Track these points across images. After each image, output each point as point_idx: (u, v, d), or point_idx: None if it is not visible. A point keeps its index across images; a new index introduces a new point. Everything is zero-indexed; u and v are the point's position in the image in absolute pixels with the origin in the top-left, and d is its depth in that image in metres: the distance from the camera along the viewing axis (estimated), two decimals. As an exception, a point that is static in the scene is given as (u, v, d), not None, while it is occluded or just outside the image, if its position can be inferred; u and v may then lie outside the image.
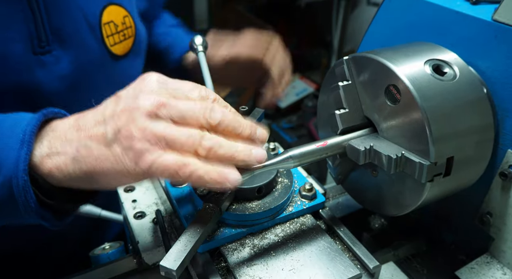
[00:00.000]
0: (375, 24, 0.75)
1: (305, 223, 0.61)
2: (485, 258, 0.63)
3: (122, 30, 0.80)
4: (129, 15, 0.82)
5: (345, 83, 0.58)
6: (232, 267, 0.54)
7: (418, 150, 0.51)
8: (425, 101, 0.50)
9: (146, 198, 0.72)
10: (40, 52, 0.67)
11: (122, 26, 0.80)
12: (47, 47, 0.67)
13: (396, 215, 0.59)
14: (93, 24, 0.74)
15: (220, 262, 0.56)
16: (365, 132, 0.58)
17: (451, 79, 0.54)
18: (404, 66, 0.53)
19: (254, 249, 0.56)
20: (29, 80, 0.66)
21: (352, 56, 0.58)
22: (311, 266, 0.54)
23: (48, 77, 0.68)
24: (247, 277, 0.52)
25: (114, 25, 0.78)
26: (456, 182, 0.56)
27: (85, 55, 0.74)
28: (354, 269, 0.54)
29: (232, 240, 0.58)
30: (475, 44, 0.60)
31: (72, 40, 0.71)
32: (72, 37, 0.71)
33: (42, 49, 0.67)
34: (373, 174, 0.60)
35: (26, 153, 0.47)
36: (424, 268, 0.66)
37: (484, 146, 0.56)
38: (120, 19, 0.80)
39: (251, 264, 0.54)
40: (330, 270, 0.54)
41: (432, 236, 0.71)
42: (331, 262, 0.55)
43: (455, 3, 0.63)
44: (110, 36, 0.78)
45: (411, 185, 0.54)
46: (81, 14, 0.72)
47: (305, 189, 0.63)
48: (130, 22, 0.83)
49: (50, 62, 0.68)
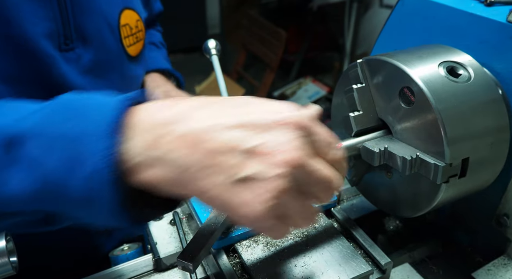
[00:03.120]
0: (388, 27, 0.76)
1: (317, 221, 0.63)
2: (502, 260, 0.63)
3: (135, 33, 0.85)
4: (141, 19, 0.87)
5: (359, 85, 0.59)
6: (246, 263, 0.56)
7: (433, 151, 0.51)
8: (439, 103, 0.50)
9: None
10: (65, 49, 0.70)
11: (135, 29, 0.85)
12: (71, 45, 0.71)
13: (411, 216, 0.60)
14: (112, 25, 0.78)
15: (235, 259, 0.58)
16: (380, 134, 0.59)
17: (465, 81, 0.54)
18: (418, 68, 0.53)
19: (267, 246, 0.58)
20: (56, 74, 0.69)
21: (365, 59, 0.59)
22: (323, 262, 0.55)
23: (72, 72, 0.72)
24: (260, 272, 0.54)
25: (129, 28, 0.83)
26: (472, 183, 0.56)
27: (105, 54, 0.77)
28: (365, 266, 0.55)
29: (246, 237, 0.59)
30: (489, 46, 0.60)
31: (93, 40, 0.74)
32: (94, 37, 0.74)
33: (66, 46, 0.70)
34: (387, 176, 0.60)
35: (114, 143, 0.39)
36: (440, 270, 0.66)
37: (500, 147, 0.56)
38: (134, 23, 0.85)
39: (264, 261, 0.56)
40: (342, 266, 0.55)
41: (448, 238, 0.71)
42: (343, 258, 0.56)
43: (469, 5, 0.64)
44: (126, 37, 0.82)
45: (426, 186, 0.54)
46: (103, 16, 0.76)
47: None
48: (141, 26, 0.88)
49: (73, 59, 0.72)
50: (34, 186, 0.40)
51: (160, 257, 0.64)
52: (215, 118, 0.40)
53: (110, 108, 0.41)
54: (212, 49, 0.82)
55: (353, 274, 0.53)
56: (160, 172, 0.39)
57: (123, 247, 0.75)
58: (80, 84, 0.73)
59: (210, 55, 0.82)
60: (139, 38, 0.86)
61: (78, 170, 0.39)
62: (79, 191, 0.39)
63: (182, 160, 0.38)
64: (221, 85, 0.76)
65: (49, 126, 0.41)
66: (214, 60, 0.81)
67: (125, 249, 0.75)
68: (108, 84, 0.79)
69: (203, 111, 0.41)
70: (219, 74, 0.78)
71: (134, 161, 0.39)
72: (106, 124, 0.39)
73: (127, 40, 0.82)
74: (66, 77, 0.70)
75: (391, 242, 0.73)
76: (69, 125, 0.41)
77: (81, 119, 0.41)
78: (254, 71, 3.60)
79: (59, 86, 0.70)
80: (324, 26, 3.36)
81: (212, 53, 0.82)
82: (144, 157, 0.39)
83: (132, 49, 0.84)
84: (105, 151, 0.38)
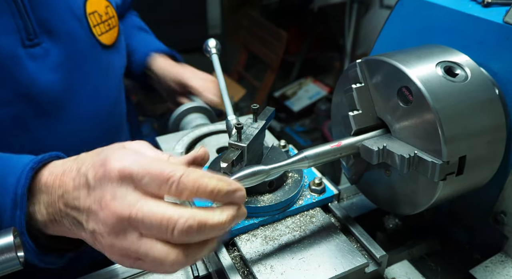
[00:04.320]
0: (387, 27, 0.77)
1: (314, 215, 0.64)
2: (500, 257, 0.64)
3: (106, 20, 0.81)
4: (110, 5, 0.83)
5: (358, 85, 0.60)
6: (245, 256, 0.57)
7: (431, 149, 0.52)
8: (437, 102, 0.51)
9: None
10: (29, 45, 0.67)
11: (106, 16, 0.81)
12: (36, 40, 0.67)
13: (409, 213, 0.60)
14: (78, 14, 0.74)
15: (234, 251, 0.60)
16: (378, 133, 0.60)
17: (462, 81, 0.55)
18: (416, 68, 0.54)
19: (265, 240, 0.60)
20: (22, 74, 0.66)
21: (364, 59, 0.60)
22: (320, 255, 0.57)
23: (40, 69, 0.68)
24: (259, 265, 0.56)
25: (98, 15, 0.79)
26: (469, 181, 0.57)
27: (74, 46, 0.74)
28: (361, 258, 0.57)
29: (245, 231, 0.61)
30: (486, 46, 0.61)
31: (60, 32, 0.71)
32: (60, 29, 0.71)
33: (31, 42, 0.67)
34: (386, 174, 0.61)
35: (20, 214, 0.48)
36: (439, 267, 0.67)
37: (497, 146, 0.57)
38: (103, 9, 0.81)
39: (263, 253, 0.57)
40: (339, 259, 0.56)
41: (446, 236, 0.72)
42: (339, 251, 0.58)
43: (467, 6, 0.65)
44: (96, 25, 0.78)
45: (424, 184, 0.55)
46: (66, 5, 0.72)
47: (315, 183, 0.66)
48: (113, 12, 0.84)
49: (40, 54, 0.68)
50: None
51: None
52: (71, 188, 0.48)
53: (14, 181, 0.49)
54: (212, 48, 0.83)
55: (349, 266, 0.55)
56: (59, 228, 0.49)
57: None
58: (50, 81, 0.69)
59: (210, 54, 0.83)
60: (111, 25, 0.82)
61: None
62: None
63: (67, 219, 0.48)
64: (221, 84, 0.77)
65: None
66: (214, 59, 0.82)
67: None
68: (82, 77, 0.75)
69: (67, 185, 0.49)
70: (219, 73, 0.79)
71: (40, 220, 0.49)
72: (10, 199, 0.48)
73: (97, 28, 0.78)
74: (33, 76, 0.67)
75: (390, 239, 0.74)
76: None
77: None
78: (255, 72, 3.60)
79: (27, 85, 0.67)
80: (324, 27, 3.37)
81: (212, 52, 0.83)
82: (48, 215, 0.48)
83: (105, 38, 0.80)
84: (13, 220, 0.47)
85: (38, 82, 0.68)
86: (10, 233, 0.43)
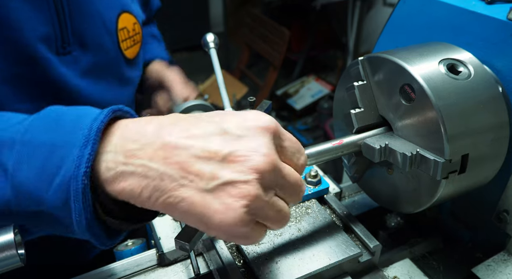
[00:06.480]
0: (390, 25, 0.76)
1: (310, 207, 0.65)
2: (502, 255, 0.64)
3: (132, 36, 0.86)
4: (138, 22, 0.88)
5: (360, 83, 0.59)
6: (241, 246, 0.59)
7: (433, 147, 0.52)
8: (439, 100, 0.51)
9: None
10: (62, 53, 0.71)
11: (133, 32, 0.86)
12: (68, 48, 0.71)
13: (411, 212, 0.60)
14: (110, 29, 0.79)
15: (230, 241, 0.61)
16: (380, 131, 0.59)
17: (465, 78, 0.55)
18: (418, 65, 0.54)
19: None
20: (54, 77, 0.70)
21: (367, 57, 0.59)
22: (315, 245, 0.58)
23: (70, 74, 0.72)
24: (255, 254, 0.57)
25: (127, 31, 0.84)
26: (472, 179, 0.57)
27: (103, 57, 0.78)
28: (355, 248, 0.58)
29: None
30: (490, 44, 0.61)
31: (91, 43, 0.75)
32: (92, 40, 0.75)
33: (63, 50, 0.71)
34: (388, 172, 0.61)
35: (90, 152, 0.40)
36: (441, 265, 0.67)
37: (500, 144, 0.57)
38: (131, 26, 0.85)
39: (258, 243, 0.59)
40: (333, 248, 0.58)
41: (448, 234, 0.72)
42: (333, 241, 0.59)
43: (470, 3, 0.64)
44: (124, 41, 0.83)
45: (426, 182, 0.55)
46: (101, 20, 0.77)
47: (311, 176, 0.68)
48: (139, 29, 0.88)
49: (70, 61, 0.72)
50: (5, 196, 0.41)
51: (164, 252, 0.65)
52: (186, 131, 0.42)
53: (90, 120, 0.42)
54: (211, 42, 0.83)
55: (343, 255, 0.56)
56: (135, 183, 0.40)
57: (127, 243, 0.76)
58: (79, 85, 0.73)
59: (208, 49, 0.83)
60: (136, 41, 0.87)
61: (52, 178, 0.41)
62: (53, 200, 0.41)
63: (156, 172, 0.40)
64: (219, 79, 0.77)
65: (27, 136, 0.43)
66: (212, 53, 0.82)
67: (129, 245, 0.76)
68: (106, 85, 0.80)
69: (175, 126, 0.43)
70: (217, 68, 0.79)
71: (109, 171, 0.41)
72: (82, 135, 0.41)
73: (125, 43, 0.83)
74: (64, 79, 0.71)
75: (392, 238, 0.74)
76: (47, 136, 0.42)
77: (60, 129, 0.43)
78: (257, 70, 3.60)
79: (58, 88, 0.70)
80: (327, 25, 3.36)
81: (210, 46, 0.83)
82: (120, 168, 0.41)
83: (129, 52, 0.85)
84: (80, 159, 0.40)
85: (68, 85, 0.72)
86: (10, 230, 0.43)
